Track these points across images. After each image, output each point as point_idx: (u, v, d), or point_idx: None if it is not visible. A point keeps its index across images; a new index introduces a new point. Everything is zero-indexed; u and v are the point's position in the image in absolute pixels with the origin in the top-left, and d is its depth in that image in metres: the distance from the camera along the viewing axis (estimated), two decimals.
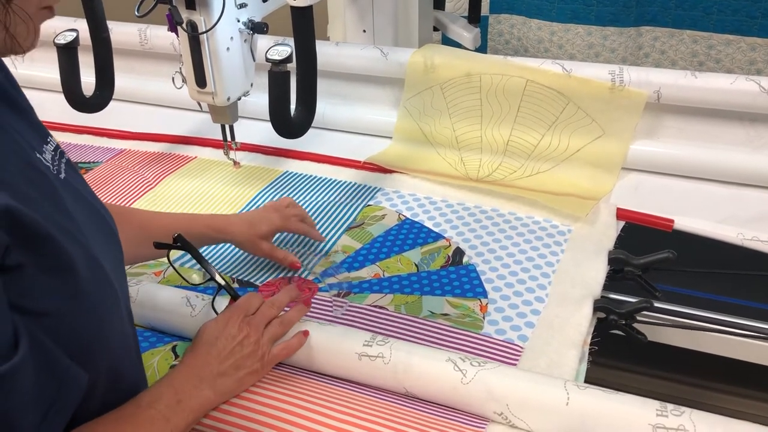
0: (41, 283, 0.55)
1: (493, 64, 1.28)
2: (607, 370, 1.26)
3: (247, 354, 0.77)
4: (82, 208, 0.64)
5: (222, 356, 0.76)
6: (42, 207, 0.56)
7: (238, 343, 0.77)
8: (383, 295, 0.98)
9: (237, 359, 0.76)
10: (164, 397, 0.69)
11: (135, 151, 1.43)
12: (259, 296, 0.84)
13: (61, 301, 0.56)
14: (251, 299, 0.82)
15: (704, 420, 0.68)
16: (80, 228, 0.61)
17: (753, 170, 1.18)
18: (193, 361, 0.75)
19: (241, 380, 0.76)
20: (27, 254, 0.53)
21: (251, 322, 0.79)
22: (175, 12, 1.03)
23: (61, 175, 0.63)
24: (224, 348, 0.76)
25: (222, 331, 0.77)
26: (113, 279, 0.63)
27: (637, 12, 1.94)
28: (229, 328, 0.78)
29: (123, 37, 1.53)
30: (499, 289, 0.99)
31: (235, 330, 0.78)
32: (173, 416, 0.68)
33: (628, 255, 1.02)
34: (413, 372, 0.77)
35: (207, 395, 0.73)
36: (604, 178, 1.21)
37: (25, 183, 0.56)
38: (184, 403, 0.70)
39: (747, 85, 1.14)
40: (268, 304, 0.83)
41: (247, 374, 0.77)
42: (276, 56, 1.04)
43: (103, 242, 0.64)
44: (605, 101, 1.21)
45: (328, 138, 1.42)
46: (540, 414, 0.72)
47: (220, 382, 0.75)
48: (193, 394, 0.72)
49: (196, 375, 0.74)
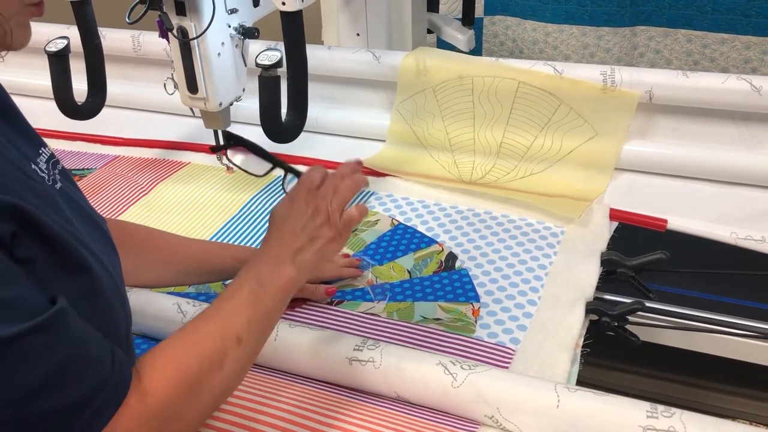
0: (58, 280, 0.55)
1: (485, 66, 1.28)
2: (601, 370, 1.25)
3: (320, 224, 0.74)
4: (80, 216, 0.65)
5: (295, 233, 0.73)
6: (46, 213, 0.56)
7: (309, 217, 0.74)
8: (376, 303, 0.98)
9: (310, 232, 0.74)
10: (246, 285, 0.68)
11: (128, 157, 1.43)
12: (321, 168, 0.80)
13: (77, 300, 0.56)
14: (313, 172, 0.79)
15: (695, 421, 0.68)
16: (81, 233, 0.61)
17: (746, 169, 1.18)
18: (266, 246, 0.73)
19: (321, 251, 0.74)
20: (38, 248, 0.54)
21: (318, 194, 0.76)
22: (165, 18, 1.03)
23: (57, 185, 0.64)
24: (296, 224, 0.74)
25: (290, 209, 0.75)
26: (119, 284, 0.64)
27: (631, 12, 1.93)
28: (296, 204, 0.75)
29: (116, 44, 1.53)
30: (491, 293, 0.99)
31: (303, 205, 0.75)
32: (258, 300, 0.67)
33: (621, 256, 1.02)
34: (404, 376, 0.77)
35: (289, 272, 0.71)
36: (597, 178, 1.21)
37: (26, 192, 0.57)
38: (267, 286, 0.69)
39: (739, 84, 1.14)
40: (332, 176, 0.79)
41: (325, 243, 0.74)
42: (266, 61, 1.04)
43: (103, 251, 0.65)
44: (597, 102, 1.21)
45: (321, 142, 1.42)
46: (530, 417, 0.72)
47: (299, 257, 0.72)
48: (274, 274, 0.70)
49: (273, 256, 0.72)
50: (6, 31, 0.57)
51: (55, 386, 0.51)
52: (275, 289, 0.69)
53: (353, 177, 0.79)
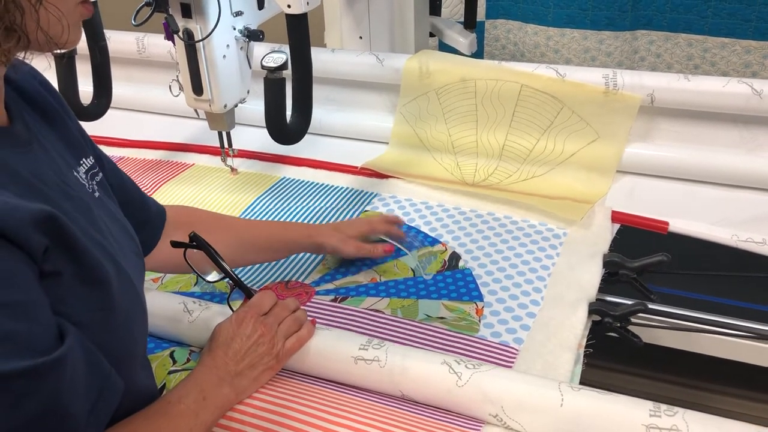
0: (77, 293, 0.57)
1: (488, 69, 1.29)
2: (603, 371, 1.26)
3: (262, 353, 0.78)
4: (113, 225, 0.66)
5: (238, 357, 0.77)
6: (78, 221, 0.58)
7: (253, 342, 0.78)
8: (380, 299, 0.99)
9: (252, 358, 0.77)
10: (191, 394, 0.71)
11: (133, 158, 1.44)
12: (272, 294, 0.84)
13: (95, 313, 0.58)
14: (264, 298, 0.83)
15: (697, 420, 0.69)
16: (113, 244, 0.63)
17: (747, 172, 1.19)
18: (211, 361, 0.76)
19: (258, 378, 0.78)
20: (65, 262, 0.55)
21: (265, 322, 0.80)
22: (171, 21, 1.04)
23: (96, 193, 0.66)
24: (240, 348, 0.77)
25: (236, 331, 0.78)
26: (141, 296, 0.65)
27: (632, 16, 1.94)
28: (244, 328, 0.79)
29: (121, 46, 1.54)
30: (495, 293, 0.99)
31: (249, 330, 0.79)
32: (201, 411, 0.70)
33: (623, 258, 1.03)
34: (409, 375, 0.77)
35: (227, 393, 0.74)
36: (599, 181, 1.22)
37: (63, 198, 0.59)
38: (209, 400, 0.72)
39: (739, 88, 1.15)
40: (280, 305, 0.84)
41: (263, 372, 0.78)
42: (271, 63, 1.05)
43: (131, 260, 0.67)
44: (599, 105, 1.22)
45: (325, 144, 1.43)
46: (534, 415, 0.73)
47: (237, 381, 0.76)
48: (215, 392, 0.73)
49: (215, 374, 0.75)
50: (63, 27, 0.58)
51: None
52: (215, 406, 0.73)
53: (296, 315, 0.84)
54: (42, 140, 0.63)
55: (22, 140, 0.61)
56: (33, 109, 0.67)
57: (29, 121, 0.64)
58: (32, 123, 0.64)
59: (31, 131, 0.63)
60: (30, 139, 0.62)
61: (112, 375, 0.59)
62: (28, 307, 0.51)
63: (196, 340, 0.88)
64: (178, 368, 0.85)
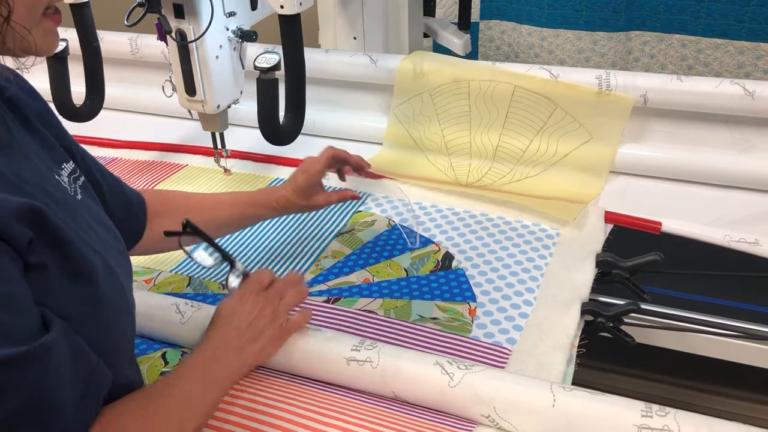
0: (64, 287, 0.57)
1: (482, 70, 1.29)
2: (596, 372, 1.26)
3: (264, 325, 0.78)
4: (97, 225, 0.67)
5: (240, 331, 0.77)
6: (63, 219, 0.58)
7: (255, 317, 0.78)
8: (372, 300, 0.98)
9: (253, 333, 0.77)
10: (190, 375, 0.71)
11: (126, 159, 1.44)
12: (269, 271, 0.84)
13: (81, 307, 0.58)
14: (262, 274, 0.83)
15: (689, 420, 0.69)
16: (98, 243, 0.63)
17: (739, 172, 1.19)
18: (213, 338, 0.76)
19: (262, 351, 0.78)
20: (51, 255, 0.56)
21: (266, 295, 0.80)
22: (164, 21, 1.04)
23: (78, 196, 0.66)
24: (241, 323, 0.77)
25: (237, 307, 0.79)
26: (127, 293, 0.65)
27: (626, 17, 1.95)
28: (244, 303, 0.79)
29: (114, 46, 1.54)
30: (487, 293, 0.99)
31: (249, 305, 0.79)
32: (199, 392, 0.70)
33: (616, 258, 1.03)
34: (401, 376, 0.77)
35: (229, 371, 0.74)
36: (593, 182, 1.22)
37: (46, 198, 0.59)
38: (208, 379, 0.72)
39: (732, 89, 1.15)
40: (281, 280, 0.84)
41: (266, 344, 0.78)
42: (264, 64, 1.05)
43: (117, 259, 0.67)
44: (592, 106, 1.22)
45: (318, 144, 1.41)
46: (526, 416, 0.73)
47: (241, 356, 0.76)
48: (216, 369, 0.73)
49: (217, 352, 0.75)
50: (29, 41, 0.59)
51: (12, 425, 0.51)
52: (216, 384, 0.73)
53: (299, 288, 0.84)
54: (23, 144, 0.64)
55: (3, 143, 0.61)
56: (15, 114, 0.67)
57: (11, 125, 0.65)
58: (14, 127, 0.65)
59: (13, 135, 0.64)
60: (11, 142, 0.62)
61: (99, 366, 0.59)
62: (9, 298, 0.52)
63: (188, 342, 0.87)
64: (169, 369, 0.85)
